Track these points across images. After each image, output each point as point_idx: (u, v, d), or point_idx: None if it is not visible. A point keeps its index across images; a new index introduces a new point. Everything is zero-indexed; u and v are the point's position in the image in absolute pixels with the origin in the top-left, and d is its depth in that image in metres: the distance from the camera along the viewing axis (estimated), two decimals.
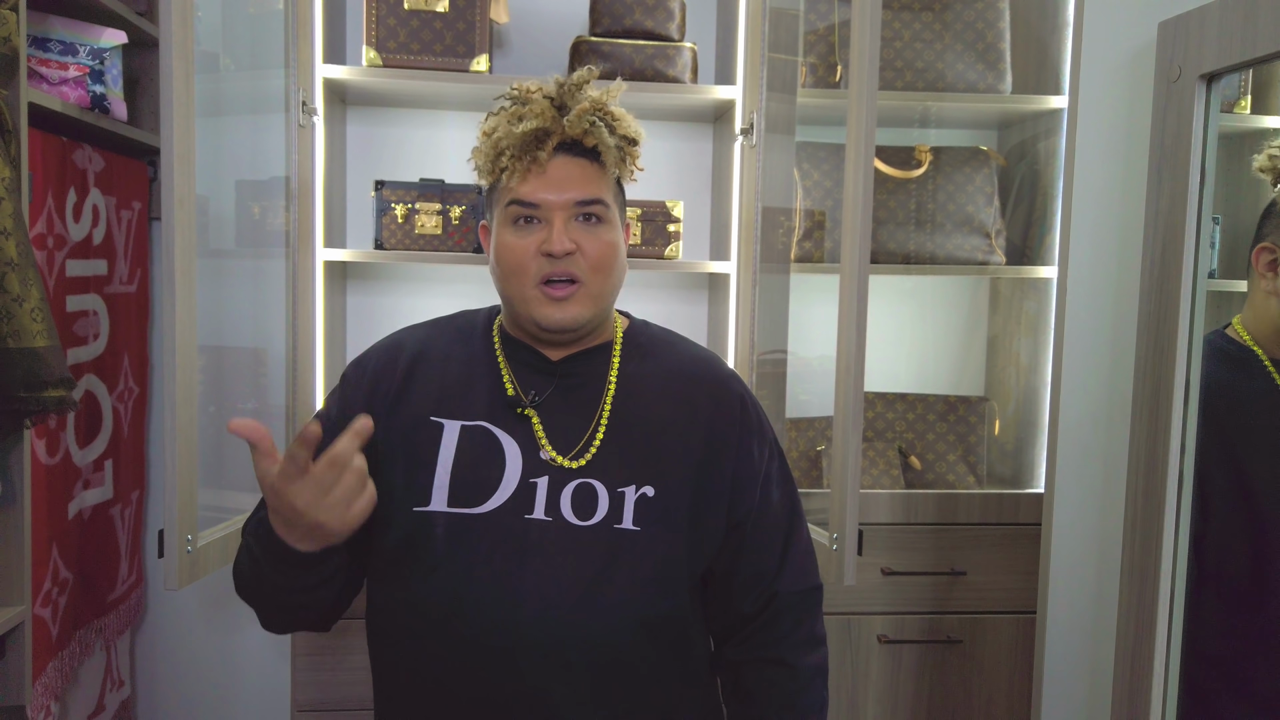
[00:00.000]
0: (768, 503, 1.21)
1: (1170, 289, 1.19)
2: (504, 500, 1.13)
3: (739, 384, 1.26)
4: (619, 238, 1.18)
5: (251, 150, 1.84)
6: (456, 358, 1.22)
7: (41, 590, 1.67)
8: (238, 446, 1.79)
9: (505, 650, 1.11)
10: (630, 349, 1.23)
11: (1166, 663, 1.26)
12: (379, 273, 2.28)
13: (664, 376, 1.21)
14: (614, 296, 1.19)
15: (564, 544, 1.12)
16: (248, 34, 1.84)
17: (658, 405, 1.19)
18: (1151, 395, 1.24)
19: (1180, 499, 1.21)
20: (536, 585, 1.10)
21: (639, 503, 1.14)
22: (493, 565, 1.12)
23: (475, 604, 1.11)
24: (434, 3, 1.95)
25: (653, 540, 1.13)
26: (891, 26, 2.09)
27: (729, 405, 1.21)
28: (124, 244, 1.97)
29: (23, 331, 1.38)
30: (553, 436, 1.15)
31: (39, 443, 1.65)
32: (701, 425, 1.19)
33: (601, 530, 1.12)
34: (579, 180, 1.14)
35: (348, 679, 1.85)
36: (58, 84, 1.69)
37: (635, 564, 1.12)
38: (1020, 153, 2.26)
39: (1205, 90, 1.15)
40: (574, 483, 1.14)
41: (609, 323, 1.23)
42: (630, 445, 1.16)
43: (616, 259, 1.17)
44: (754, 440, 1.21)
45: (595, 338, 1.21)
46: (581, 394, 1.18)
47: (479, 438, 1.16)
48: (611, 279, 1.17)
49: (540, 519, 1.12)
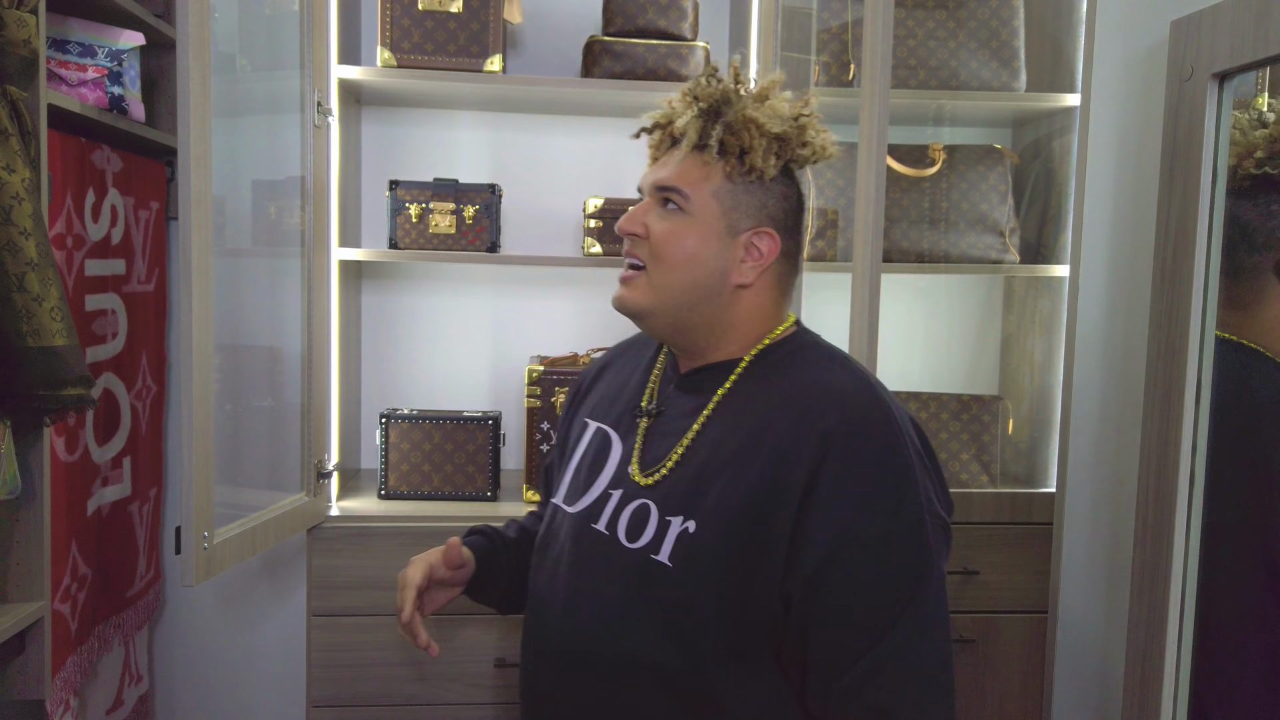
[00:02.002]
0: (846, 575, 0.97)
1: (1182, 288, 1.18)
2: (586, 505, 1.16)
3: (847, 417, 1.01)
4: (691, 233, 1.08)
5: (267, 150, 1.85)
6: (629, 364, 1.27)
7: (61, 586, 1.69)
8: (254, 444, 1.81)
9: (538, 654, 1.15)
10: (755, 367, 1.11)
11: (1178, 661, 1.26)
12: (393, 272, 2.29)
13: (764, 400, 1.07)
14: (687, 297, 1.09)
15: (607, 562, 1.10)
16: (263, 35, 1.85)
17: (737, 433, 1.06)
18: (1163, 395, 1.24)
19: (1192, 498, 1.20)
20: (569, 596, 1.12)
21: (680, 537, 1.04)
22: (559, 566, 1.16)
23: (537, 599, 1.18)
24: (448, 3, 1.96)
25: (681, 582, 1.03)
26: (905, 25, 2.09)
27: (806, 439, 1.00)
28: (142, 243, 1.99)
29: (42, 330, 1.40)
30: (645, 450, 1.13)
31: (58, 440, 1.67)
32: (764, 460, 1.01)
33: (639, 556, 1.07)
34: (670, 166, 1.12)
35: (363, 675, 1.87)
36: (76, 85, 1.70)
37: (660, 604, 1.04)
38: (1035, 150, 2.25)
39: (1217, 89, 1.14)
40: (637, 501, 1.10)
41: (727, 335, 1.12)
42: (695, 473, 1.07)
43: (678, 252, 1.08)
44: (835, 487, 0.98)
45: (721, 351, 1.13)
46: (687, 409, 1.12)
47: (600, 441, 1.20)
48: (675, 274, 1.09)
49: (600, 531, 1.12)
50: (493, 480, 2.03)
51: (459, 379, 2.32)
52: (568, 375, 2.01)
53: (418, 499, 2.01)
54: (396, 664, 1.87)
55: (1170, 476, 1.23)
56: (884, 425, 1.01)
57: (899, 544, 0.98)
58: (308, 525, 1.84)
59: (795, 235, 1.14)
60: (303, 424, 1.87)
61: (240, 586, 2.31)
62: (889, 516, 0.98)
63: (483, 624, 1.88)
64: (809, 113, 1.12)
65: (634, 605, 1.06)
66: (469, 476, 2.02)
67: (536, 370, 2.01)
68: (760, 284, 1.11)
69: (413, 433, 2.01)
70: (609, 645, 1.06)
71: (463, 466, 2.02)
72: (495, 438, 2.03)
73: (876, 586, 0.97)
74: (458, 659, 1.88)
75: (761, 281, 1.11)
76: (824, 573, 0.97)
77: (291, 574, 2.31)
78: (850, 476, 0.98)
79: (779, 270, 1.12)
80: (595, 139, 2.31)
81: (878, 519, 0.97)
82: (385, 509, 1.94)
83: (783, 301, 1.15)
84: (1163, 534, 1.25)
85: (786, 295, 1.15)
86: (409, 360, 2.31)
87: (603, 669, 1.07)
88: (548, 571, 1.17)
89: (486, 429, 2.02)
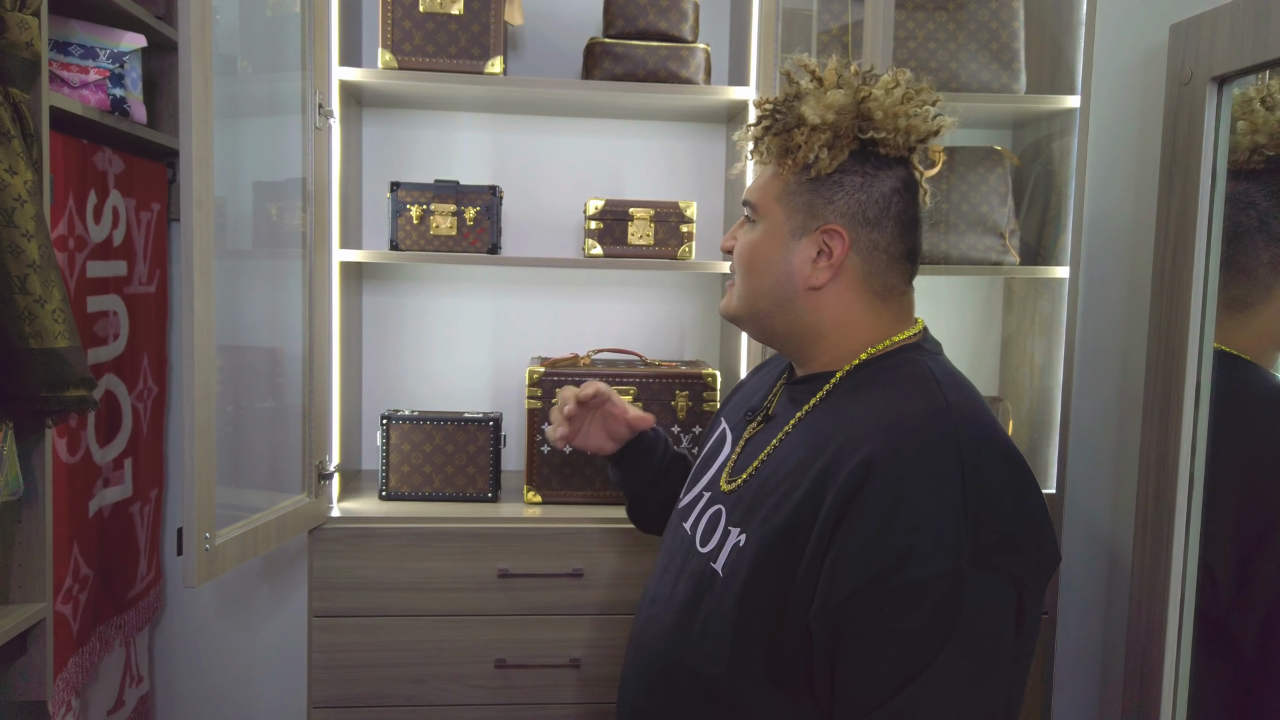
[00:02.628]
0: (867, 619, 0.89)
1: (1181, 292, 1.18)
2: (686, 502, 1.20)
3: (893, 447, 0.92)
4: (760, 241, 1.08)
5: (268, 152, 1.86)
6: (769, 367, 1.30)
7: (63, 587, 1.70)
8: (255, 445, 1.81)
9: (630, 646, 1.19)
10: (848, 381, 1.06)
11: (1177, 663, 1.26)
12: (394, 273, 2.29)
13: (835, 419, 1.02)
14: (762, 303, 1.09)
15: (684, 561, 1.13)
16: (264, 37, 1.86)
17: (800, 451, 1.02)
18: (1162, 398, 1.24)
19: (1191, 501, 1.21)
20: (656, 591, 1.16)
21: (733, 548, 1.04)
22: (659, 559, 1.21)
23: (644, 592, 1.21)
24: (449, 5, 1.96)
25: (725, 593, 1.02)
26: (905, 26, 2.09)
27: (846, 467, 0.94)
28: (143, 245, 1.99)
29: (45, 332, 1.40)
30: (743, 454, 1.14)
31: (60, 441, 1.68)
32: (810, 483, 0.97)
33: (704, 561, 1.08)
34: (754, 180, 1.13)
35: (364, 676, 1.87)
36: (78, 87, 1.71)
37: (710, 612, 1.04)
38: (1035, 152, 2.25)
39: (1217, 93, 1.15)
40: (715, 506, 1.12)
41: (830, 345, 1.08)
42: (759, 486, 1.05)
43: (749, 260, 1.09)
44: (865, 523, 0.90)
45: (819, 361, 1.09)
46: (783, 417, 1.11)
47: (719, 440, 1.23)
48: (749, 281, 1.09)
49: (686, 530, 1.16)
50: (494, 481, 2.03)
51: (460, 380, 2.33)
52: (568, 376, 2.01)
53: (419, 500, 2.02)
54: (398, 665, 1.87)
55: (1170, 478, 1.23)
56: (937, 459, 0.91)
57: (927, 596, 0.87)
58: (309, 526, 1.84)
59: (879, 229, 1.05)
60: (304, 425, 1.87)
61: (241, 587, 2.31)
62: (920, 564, 0.87)
63: (483, 625, 1.89)
64: (870, 91, 1.04)
65: (693, 610, 1.06)
66: (470, 478, 2.03)
67: (537, 371, 2.01)
68: (837, 286, 1.06)
69: (414, 434, 2.01)
70: (668, 644, 1.09)
71: (464, 468, 2.02)
72: (496, 439, 2.03)
73: (894, 640, 0.88)
74: (459, 660, 1.89)
75: (839, 283, 1.06)
76: (844, 615, 0.90)
77: (292, 575, 2.31)
78: (883, 513, 0.89)
79: (860, 269, 1.05)
80: (596, 140, 2.31)
81: (907, 565, 0.88)
82: (386, 510, 1.94)
83: (879, 305, 1.07)
84: (1162, 535, 1.26)
85: (884, 298, 1.07)
86: (410, 361, 2.31)
87: (660, 667, 1.10)
88: (656, 567, 1.21)
89: (487, 430, 2.02)
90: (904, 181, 1.07)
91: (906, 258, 1.08)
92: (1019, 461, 0.96)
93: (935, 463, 0.91)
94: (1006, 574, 0.89)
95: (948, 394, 0.98)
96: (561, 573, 1.89)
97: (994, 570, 0.88)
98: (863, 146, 1.06)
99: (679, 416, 2.02)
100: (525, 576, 1.89)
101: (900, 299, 1.09)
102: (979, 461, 0.91)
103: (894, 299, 1.08)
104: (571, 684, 1.92)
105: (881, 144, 1.05)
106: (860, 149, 1.06)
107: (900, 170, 1.07)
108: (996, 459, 0.93)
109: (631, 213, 2.07)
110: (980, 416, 0.97)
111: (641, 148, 2.33)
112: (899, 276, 1.08)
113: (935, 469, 0.90)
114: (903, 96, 1.05)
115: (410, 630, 1.87)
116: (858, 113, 1.04)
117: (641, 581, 1.91)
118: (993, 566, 0.88)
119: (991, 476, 0.91)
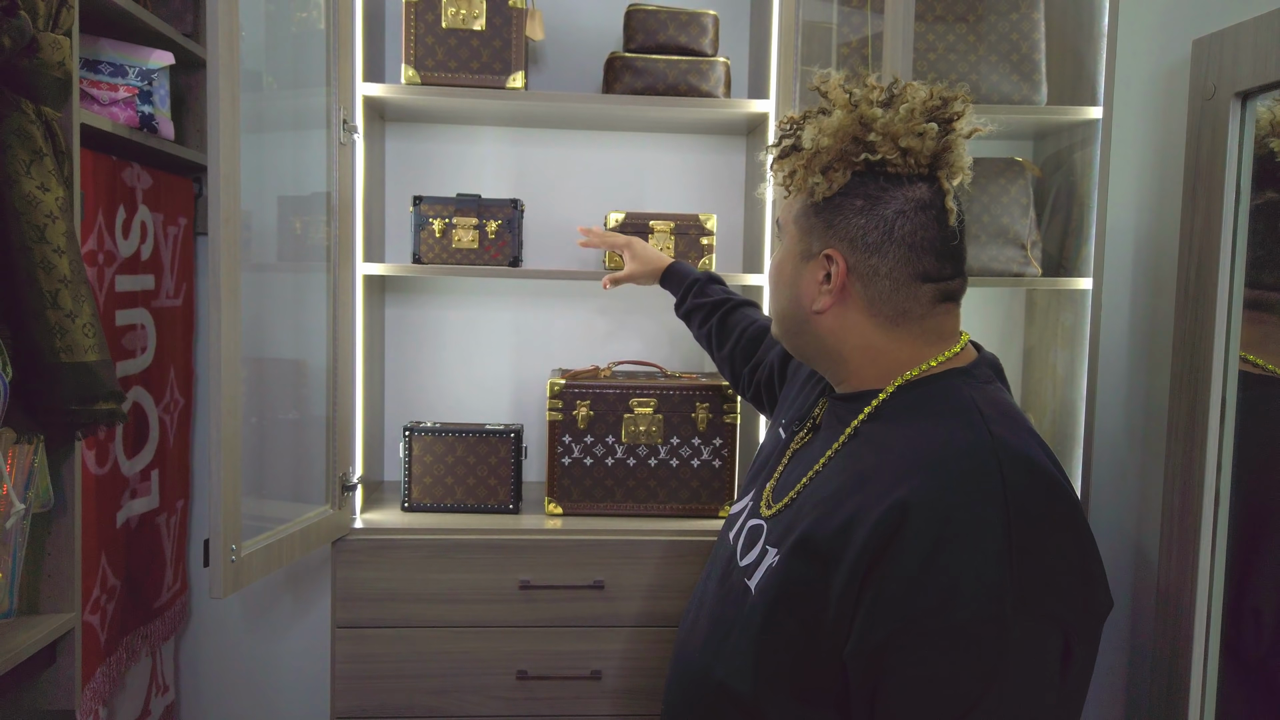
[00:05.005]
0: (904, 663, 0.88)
1: (1205, 308, 1.18)
2: (736, 509, 1.21)
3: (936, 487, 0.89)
4: (779, 260, 1.10)
5: (293, 166, 1.88)
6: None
7: (91, 598, 1.72)
8: (279, 457, 1.83)
9: (674, 654, 1.19)
10: (892, 404, 1.03)
11: (1204, 681, 1.25)
12: (417, 286, 2.31)
13: (877, 448, 1.00)
14: (783, 321, 1.11)
15: (723, 573, 1.13)
16: (290, 53, 1.88)
17: (839, 477, 1.01)
18: (1187, 414, 1.24)
19: (1217, 517, 1.20)
20: (700, 601, 1.17)
21: (768, 568, 1.03)
22: (708, 564, 1.21)
23: (691, 600, 1.21)
24: (471, 21, 1.98)
25: (754, 611, 1.02)
26: (925, 39, 2.09)
27: (884, 504, 0.90)
28: (170, 259, 2.02)
29: (75, 346, 1.42)
30: (788, 470, 1.13)
31: (89, 454, 1.70)
32: (846, 515, 0.95)
33: (739, 576, 1.09)
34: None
35: (387, 686, 1.88)
36: (108, 105, 1.73)
37: (740, 625, 1.04)
38: (1056, 163, 2.24)
39: (1240, 108, 1.14)
40: (755, 520, 1.12)
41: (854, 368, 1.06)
42: (798, 508, 1.04)
43: (776, 278, 1.11)
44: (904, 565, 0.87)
45: (853, 381, 1.07)
46: (829, 435, 1.09)
47: (771, 446, 1.23)
48: (775, 300, 1.12)
49: (729, 540, 1.17)
50: (515, 493, 2.04)
51: (481, 392, 2.34)
52: (589, 388, 2.02)
53: (440, 511, 2.03)
54: (420, 676, 1.88)
55: (1195, 496, 1.22)
56: (979, 499, 0.88)
57: (968, 640, 0.85)
58: (332, 537, 1.86)
59: (879, 253, 1.01)
60: (327, 437, 1.89)
61: (265, 598, 2.33)
62: (961, 608, 0.85)
63: (505, 636, 1.89)
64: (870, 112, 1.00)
65: (727, 625, 1.06)
66: (491, 489, 2.04)
67: (558, 383, 2.02)
68: (845, 310, 1.04)
69: (435, 445, 2.03)
70: (702, 654, 1.09)
71: (485, 479, 2.04)
72: (517, 450, 2.04)
73: (935, 684, 0.87)
74: (481, 671, 1.89)
75: (847, 308, 1.04)
76: (882, 657, 0.88)
77: (316, 585, 2.33)
78: (922, 555, 0.87)
79: (863, 295, 1.02)
80: (616, 154, 2.32)
81: (947, 609, 0.85)
82: (408, 521, 1.95)
83: (895, 330, 1.03)
84: (1188, 551, 1.25)
85: (898, 322, 1.03)
86: (432, 373, 2.33)
87: (694, 676, 1.10)
88: (703, 577, 1.22)
89: (509, 442, 2.04)
90: (917, 202, 1.01)
91: (919, 279, 1.02)
92: (1069, 498, 0.92)
93: (977, 502, 0.88)
94: (1052, 618, 0.87)
95: (992, 426, 0.94)
96: (582, 584, 1.90)
97: (1039, 615, 0.86)
98: (871, 167, 1.02)
99: (699, 429, 2.03)
100: (546, 588, 1.89)
101: (922, 322, 1.03)
102: (1024, 500, 0.88)
103: (911, 323, 1.03)
104: (593, 696, 1.92)
105: (890, 164, 1.01)
106: (869, 169, 1.02)
107: (916, 189, 1.01)
108: (1043, 496, 0.90)
109: (652, 225, 2.08)
110: (1026, 450, 0.92)
111: (661, 160, 2.34)
112: (912, 300, 1.02)
113: (977, 508, 0.87)
114: (906, 114, 1.00)
115: (432, 641, 1.88)
116: (859, 134, 1.01)
117: (663, 593, 1.91)
118: (1038, 611, 0.86)
119: (1038, 515, 0.88)
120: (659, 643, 1.92)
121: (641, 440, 2.02)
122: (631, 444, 2.02)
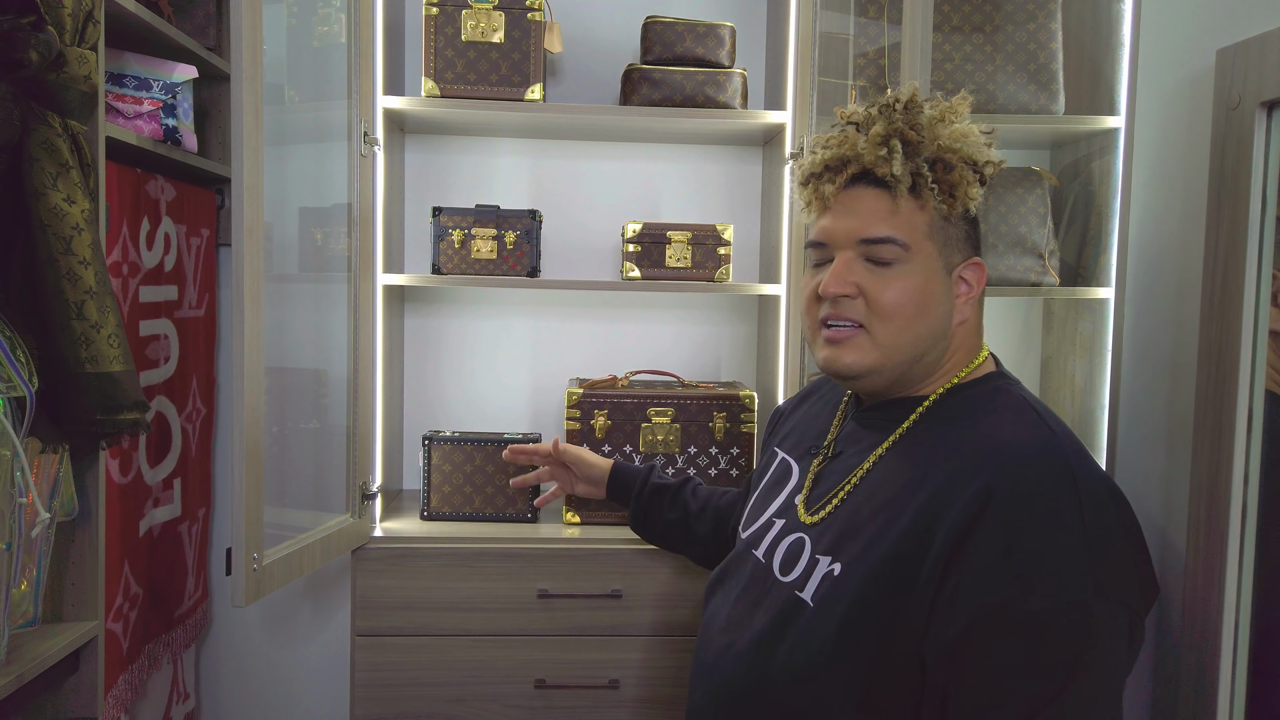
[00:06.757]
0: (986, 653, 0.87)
1: (1231, 321, 1.17)
2: (751, 531, 1.18)
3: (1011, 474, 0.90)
4: (922, 282, 1.00)
5: (315, 178, 1.90)
6: (824, 398, 1.27)
7: (114, 605, 1.73)
8: (300, 466, 1.84)
9: (696, 676, 1.16)
10: (935, 410, 1.04)
11: (1231, 697, 1.24)
12: (436, 296, 2.32)
13: (934, 447, 1.00)
14: (917, 349, 1.02)
15: (759, 591, 1.10)
16: (311, 66, 1.90)
17: (898, 478, 1.00)
18: (1213, 427, 1.23)
19: (1244, 532, 1.19)
20: (728, 620, 1.13)
21: (825, 578, 1.00)
22: (723, 587, 1.18)
23: (707, 620, 1.19)
24: (490, 34, 1.99)
25: (818, 624, 0.98)
26: (942, 49, 2.09)
27: (961, 495, 0.91)
28: (193, 270, 2.04)
29: (100, 357, 1.43)
30: (817, 483, 1.11)
31: (112, 463, 1.71)
32: (916, 512, 0.94)
33: (787, 590, 1.05)
34: (869, 214, 1.01)
35: (406, 695, 1.89)
36: (133, 118, 1.75)
37: (796, 641, 1.00)
38: (1074, 172, 2.24)
39: (1266, 118, 1.14)
40: (795, 535, 1.08)
41: (931, 375, 1.06)
42: (851, 514, 1.02)
43: (912, 306, 1.00)
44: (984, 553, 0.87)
45: (906, 389, 1.06)
46: (863, 445, 1.08)
47: (782, 471, 1.21)
48: (909, 330, 1.01)
49: (758, 558, 1.13)
50: (533, 502, 2.05)
51: (500, 401, 2.35)
52: (606, 398, 2.03)
53: (460, 520, 2.04)
54: (439, 684, 1.89)
55: (1221, 510, 1.21)
56: (1055, 489, 0.89)
57: (1053, 627, 0.86)
58: (352, 546, 1.87)
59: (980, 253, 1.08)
60: (348, 446, 1.90)
61: (285, 606, 2.34)
62: (1045, 594, 0.86)
63: (523, 645, 1.90)
64: (989, 128, 1.06)
65: (775, 639, 1.03)
66: (510, 498, 2.04)
67: (576, 393, 2.03)
68: (973, 316, 1.08)
69: (454, 454, 2.03)
70: (748, 675, 1.05)
71: (504, 488, 2.04)
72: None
73: (1019, 671, 0.86)
74: (499, 680, 1.90)
75: (974, 314, 1.08)
76: (962, 645, 0.88)
77: (335, 594, 2.34)
78: (1003, 543, 0.87)
79: (981, 298, 1.08)
80: (634, 165, 2.33)
81: (1030, 595, 0.86)
82: (428, 530, 1.96)
83: (981, 331, 1.10)
84: (1214, 566, 1.24)
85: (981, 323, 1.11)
86: (451, 383, 2.34)
87: (739, 698, 1.05)
88: (721, 596, 1.18)
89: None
90: None
91: None
92: (1121, 494, 0.95)
93: (1054, 492, 0.89)
94: (1123, 604, 0.89)
95: (1050, 424, 0.98)
96: (600, 593, 1.90)
97: (1114, 601, 0.88)
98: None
99: (716, 438, 2.03)
100: (564, 597, 1.89)
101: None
102: (1091, 492, 0.91)
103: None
104: (610, 705, 1.92)
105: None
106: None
107: None
108: (1103, 490, 0.93)
109: (669, 235, 2.08)
110: (1081, 448, 0.97)
111: (678, 171, 2.35)
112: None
113: (1054, 499, 0.89)
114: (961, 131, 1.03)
115: (451, 649, 1.89)
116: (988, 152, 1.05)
117: (680, 602, 1.91)
118: (1113, 597, 0.88)
119: (1103, 506, 0.91)
120: (677, 652, 1.91)
121: (659, 449, 2.02)
122: (649, 453, 2.03)
